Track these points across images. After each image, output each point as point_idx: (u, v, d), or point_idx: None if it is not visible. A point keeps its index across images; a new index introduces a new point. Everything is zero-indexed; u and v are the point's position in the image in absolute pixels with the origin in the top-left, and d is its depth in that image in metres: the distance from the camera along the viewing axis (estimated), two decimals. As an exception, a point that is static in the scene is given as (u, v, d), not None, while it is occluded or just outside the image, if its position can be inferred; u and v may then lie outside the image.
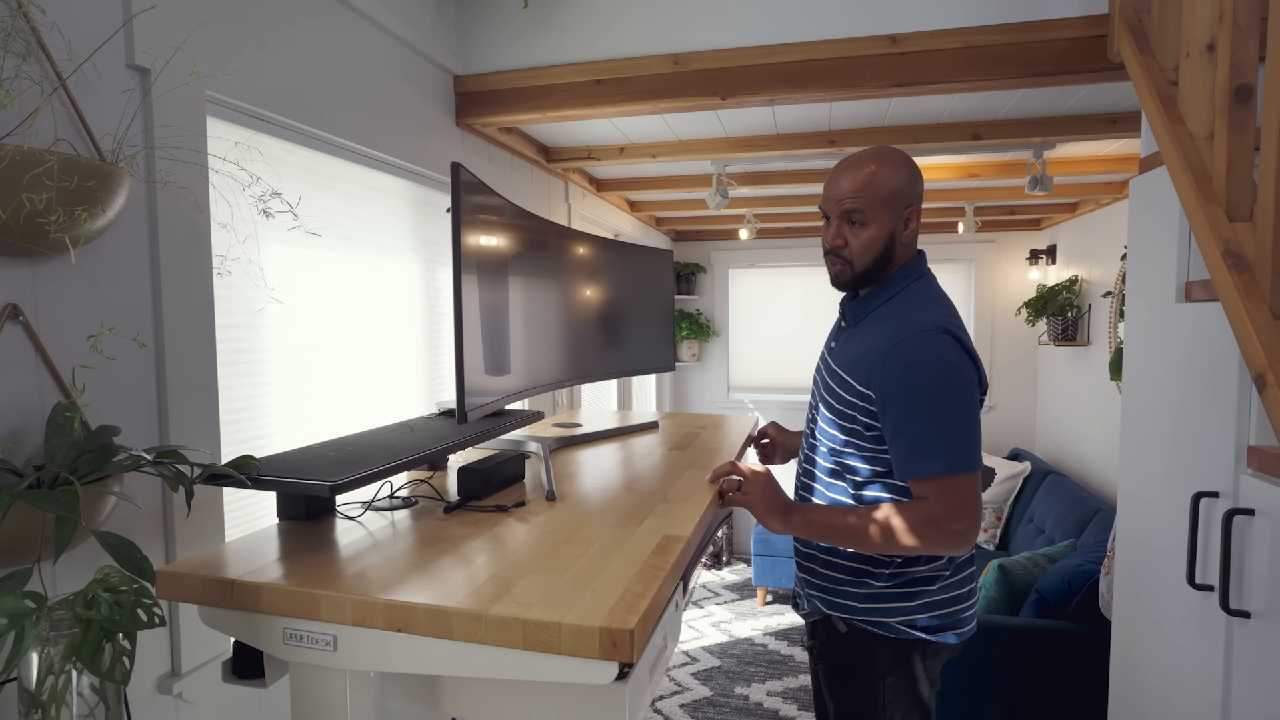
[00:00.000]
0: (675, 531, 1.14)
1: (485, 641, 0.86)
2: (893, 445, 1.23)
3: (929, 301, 1.28)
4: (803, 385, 5.23)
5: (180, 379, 1.20)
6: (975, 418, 1.21)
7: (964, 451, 1.18)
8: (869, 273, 1.31)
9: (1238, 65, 1.20)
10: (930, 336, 1.20)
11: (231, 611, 0.97)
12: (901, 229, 1.29)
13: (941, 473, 1.17)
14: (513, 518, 1.23)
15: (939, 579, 1.30)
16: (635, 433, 2.07)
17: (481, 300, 1.32)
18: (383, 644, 0.91)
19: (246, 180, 1.15)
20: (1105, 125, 2.27)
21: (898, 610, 1.29)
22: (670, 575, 1.00)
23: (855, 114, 2.34)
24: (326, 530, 1.16)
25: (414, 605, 0.88)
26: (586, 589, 0.92)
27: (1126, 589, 1.65)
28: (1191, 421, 1.38)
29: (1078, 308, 3.93)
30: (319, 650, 0.94)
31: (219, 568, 0.98)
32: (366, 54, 1.70)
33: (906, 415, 1.20)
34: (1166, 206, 1.47)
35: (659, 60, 1.94)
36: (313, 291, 1.58)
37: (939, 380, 1.18)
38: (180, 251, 1.19)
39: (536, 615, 0.84)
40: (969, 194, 3.55)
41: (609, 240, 2.02)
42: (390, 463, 1.16)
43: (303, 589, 0.92)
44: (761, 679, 3.39)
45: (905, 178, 1.28)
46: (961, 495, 1.18)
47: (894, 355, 1.21)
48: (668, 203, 3.95)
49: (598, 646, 0.82)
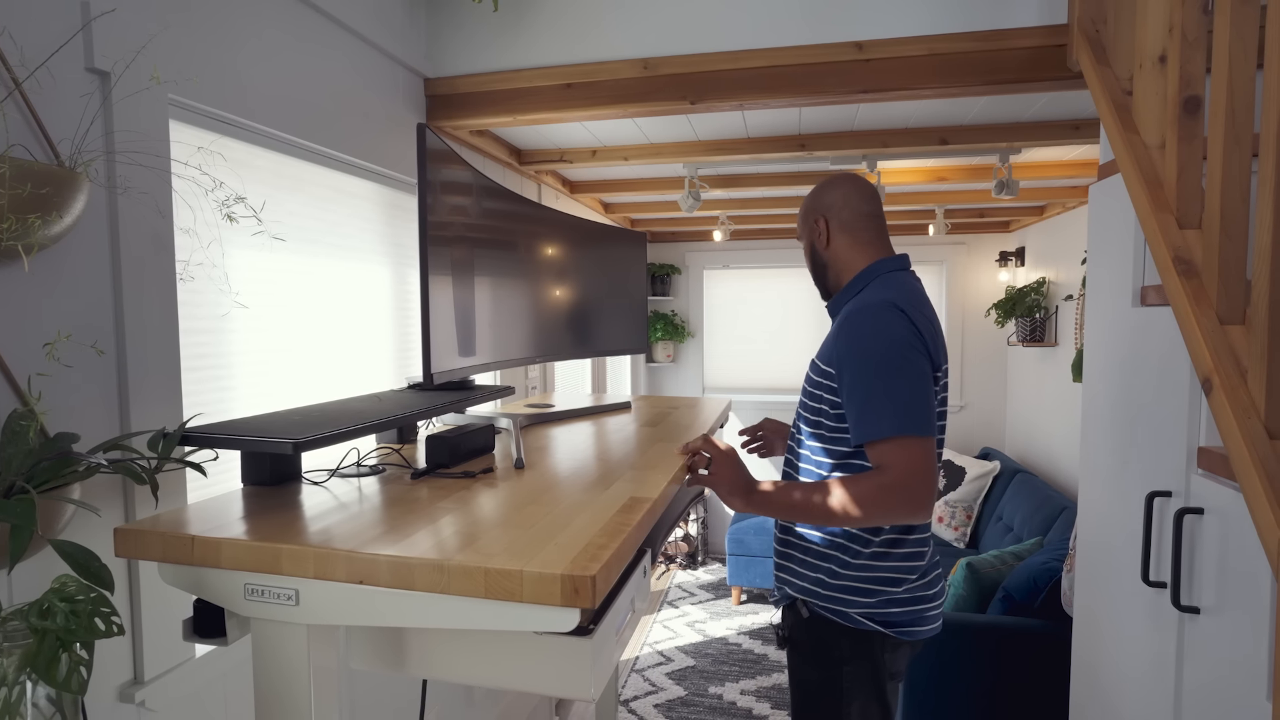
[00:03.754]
0: (642, 494, 1.16)
1: (448, 591, 0.87)
2: (849, 415, 1.28)
3: (885, 287, 1.35)
4: (778, 386, 5.27)
5: (143, 385, 1.18)
6: (924, 384, 1.24)
7: (911, 414, 1.21)
8: (817, 280, 1.51)
9: (1187, 77, 1.23)
10: (876, 309, 1.28)
11: (192, 568, 0.97)
12: (819, 237, 1.45)
13: (890, 433, 1.21)
14: (480, 483, 1.24)
15: (904, 582, 1.33)
16: (607, 412, 2.09)
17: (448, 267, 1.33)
18: (345, 597, 0.92)
19: (210, 185, 1.14)
20: (1068, 131, 2.32)
21: (858, 603, 1.33)
22: (636, 531, 1.02)
23: (825, 118, 2.37)
24: (291, 494, 1.17)
25: (376, 557, 0.89)
26: (551, 541, 0.94)
27: (1086, 586, 1.69)
28: (1146, 423, 1.42)
29: (1045, 309, 4.00)
30: (280, 605, 0.95)
31: (180, 525, 0.99)
32: (335, 57, 1.69)
33: (856, 383, 1.26)
34: (1123, 213, 1.51)
35: (629, 65, 1.95)
36: (280, 296, 1.57)
37: (883, 347, 1.24)
38: (142, 257, 1.17)
39: (499, 564, 0.86)
40: (939, 197, 3.60)
41: (582, 220, 2.03)
42: (357, 424, 1.16)
43: (264, 543, 0.93)
44: (735, 678, 3.41)
45: (813, 196, 1.47)
46: (912, 455, 1.21)
47: (846, 329, 1.30)
48: (642, 205, 3.96)
49: (559, 593, 0.84)
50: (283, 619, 0.96)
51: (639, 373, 5.10)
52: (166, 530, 0.97)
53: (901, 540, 1.34)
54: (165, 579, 1.00)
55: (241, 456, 1.20)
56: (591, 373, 4.11)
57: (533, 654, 1.02)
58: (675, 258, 5.29)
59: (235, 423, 1.16)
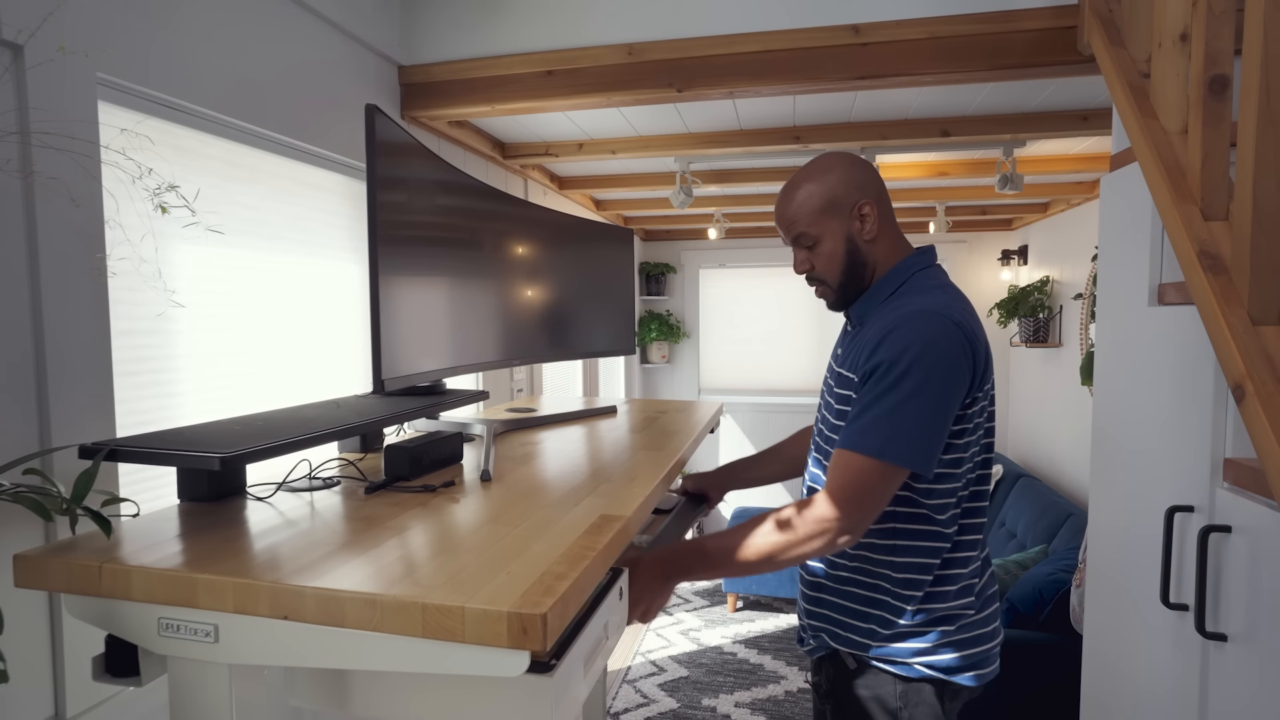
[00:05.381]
0: (614, 511, 1.06)
1: (381, 629, 0.77)
2: (851, 412, 1.12)
3: (935, 288, 1.17)
4: (775, 388, 5.16)
5: (66, 394, 1.08)
6: (942, 414, 1.07)
7: (905, 439, 1.04)
8: (848, 285, 1.22)
9: (1213, 55, 1.12)
10: (927, 317, 1.08)
11: (100, 600, 0.87)
12: (858, 228, 1.19)
13: (871, 453, 1.05)
14: (440, 498, 1.14)
15: (960, 617, 1.16)
16: (591, 417, 1.98)
17: (403, 263, 1.22)
18: (269, 634, 0.82)
19: (136, 171, 1.03)
20: (1075, 122, 2.21)
21: (914, 649, 1.16)
22: (602, 555, 0.92)
23: (820, 109, 2.26)
24: (230, 511, 1.06)
25: (301, 589, 0.79)
26: (503, 570, 0.83)
27: (1098, 605, 1.58)
28: (1165, 431, 1.32)
29: (1049, 309, 3.89)
30: (198, 642, 0.85)
31: (92, 550, 0.88)
32: (297, 40, 1.58)
33: (872, 390, 1.08)
34: (1138, 205, 1.40)
35: (612, 50, 1.84)
36: (236, 294, 1.46)
37: (920, 363, 1.05)
38: (65, 251, 1.06)
39: (438, 599, 0.76)
40: (939, 193, 3.49)
41: (561, 215, 1.92)
42: (299, 436, 1.05)
43: (179, 572, 0.83)
44: (730, 689, 3.30)
45: (838, 179, 1.18)
46: (869, 485, 1.05)
47: (889, 335, 1.09)
48: (634, 201, 3.85)
49: (505, 633, 0.74)
50: (201, 658, 0.85)
51: (633, 375, 4.99)
52: (71, 558, 0.86)
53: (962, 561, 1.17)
54: (72, 612, 0.89)
55: (177, 470, 1.10)
56: (583, 375, 4.00)
57: (488, 694, 0.91)
58: (670, 256, 5.18)
59: (163, 434, 1.06)
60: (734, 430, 5.19)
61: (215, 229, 1.21)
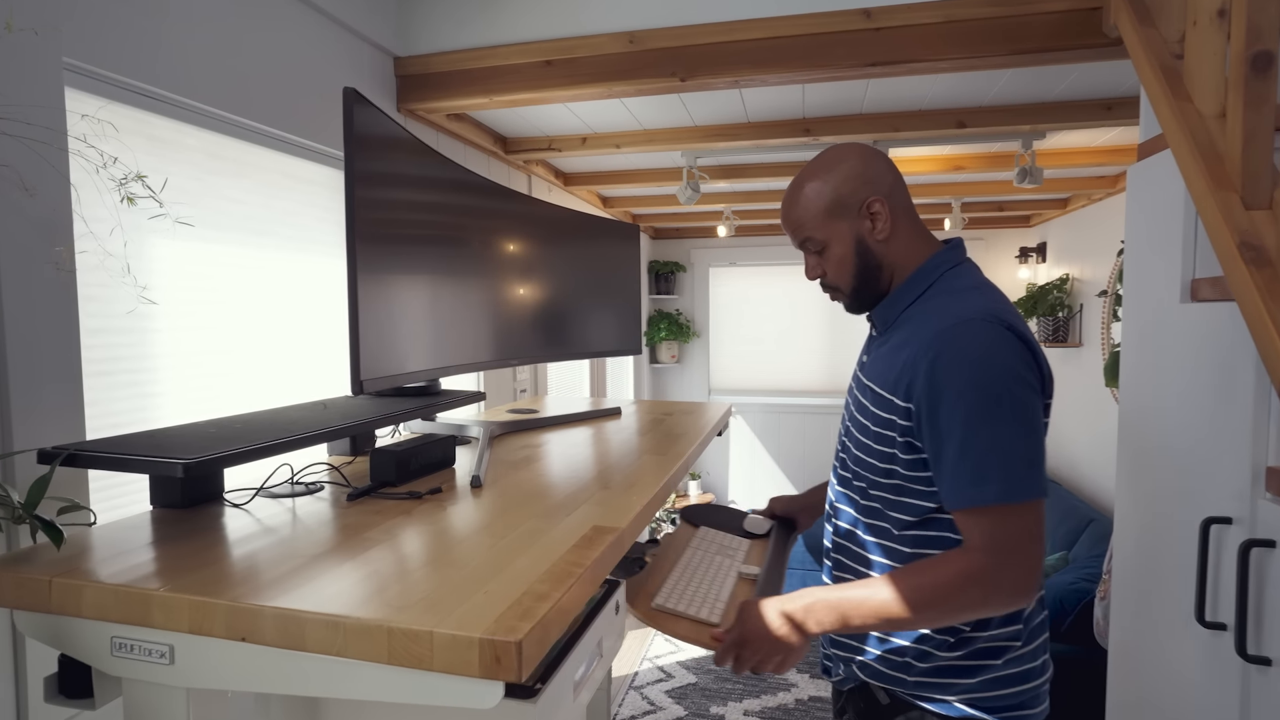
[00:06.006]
0: (608, 522, 0.99)
1: (344, 654, 0.71)
2: (936, 468, 0.98)
3: (970, 288, 1.04)
4: (787, 388, 5.07)
5: (29, 395, 1.02)
6: (1036, 428, 0.95)
7: (1022, 473, 0.92)
8: (864, 288, 1.11)
9: (1255, 30, 1.04)
10: (978, 326, 0.96)
11: (51, 617, 0.81)
12: (868, 229, 1.07)
13: (993, 500, 0.92)
14: (426, 505, 1.08)
15: (1008, 650, 1.03)
16: (594, 419, 1.91)
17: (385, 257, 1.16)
18: (227, 656, 0.76)
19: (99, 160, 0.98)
20: (1099, 112, 2.12)
21: (957, 686, 1.03)
22: (591, 573, 0.85)
23: (830, 99, 2.18)
24: (201, 519, 1.01)
25: (260, 609, 0.73)
26: (480, 589, 0.77)
27: (1125, 620, 1.49)
28: (1200, 437, 1.23)
29: (1069, 308, 3.78)
30: (153, 664, 0.79)
31: (39, 564, 0.83)
32: (289, 30, 1.53)
33: (950, 428, 0.95)
34: (1170, 195, 1.31)
35: (613, 39, 1.77)
36: (219, 291, 1.41)
37: (990, 380, 0.93)
38: (27, 244, 1.01)
39: (405, 622, 0.69)
40: (955, 188, 3.40)
41: (561, 209, 1.85)
42: (271, 440, 1.00)
43: (133, 588, 0.77)
44: (739, 697, 3.23)
45: (842, 176, 1.07)
46: (1015, 531, 0.93)
47: (934, 352, 0.97)
48: (642, 198, 3.78)
49: (477, 662, 0.67)
50: (156, 680, 0.80)
51: (642, 375, 4.92)
52: (21, 571, 0.81)
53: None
54: (23, 629, 0.84)
55: (149, 476, 1.04)
56: (590, 375, 3.94)
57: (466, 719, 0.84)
58: (680, 255, 5.10)
59: (131, 437, 1.00)
60: (745, 432, 5.10)
61: (184, 221, 1.15)
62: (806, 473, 5.02)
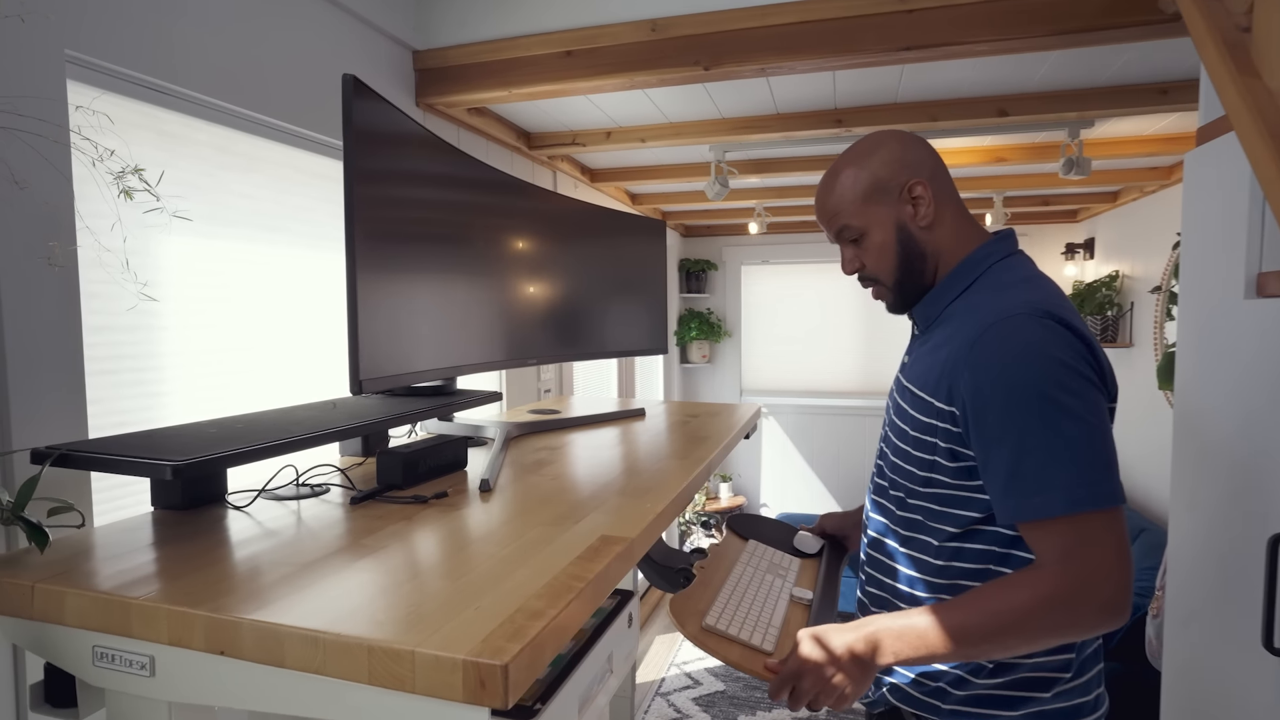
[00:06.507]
0: (618, 531, 0.94)
1: (323, 672, 0.67)
2: (988, 478, 0.89)
3: (1020, 282, 0.96)
4: (821, 389, 4.96)
5: (29, 393, 1.00)
6: (1100, 425, 0.86)
7: (1091, 476, 0.83)
8: (905, 282, 1.03)
9: (1333, -5, 0.93)
10: (1026, 321, 0.88)
11: (33, 623, 0.79)
12: (910, 214, 0.99)
13: (1061, 510, 0.83)
14: (430, 510, 1.04)
15: (1056, 682, 0.94)
16: (618, 420, 1.86)
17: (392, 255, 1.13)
18: (207, 669, 0.72)
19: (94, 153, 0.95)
20: (1153, 96, 1.99)
21: (1000, 718, 0.95)
22: (593, 588, 0.79)
23: (863, 88, 2.09)
24: (199, 522, 0.98)
25: (239, 621, 0.69)
26: (472, 605, 0.72)
27: (1180, 642, 1.39)
28: (1265, 445, 1.12)
29: (1118, 306, 3.61)
30: (133, 675, 0.76)
31: (25, 568, 0.80)
32: (304, 23, 1.50)
33: (1003, 433, 0.86)
34: (1233, 182, 1.21)
35: (635, 27, 1.72)
36: (227, 287, 1.39)
37: (1043, 376, 0.85)
38: (28, 240, 0.99)
39: (387, 639, 0.65)
40: (997, 181, 3.26)
41: (583, 204, 1.80)
42: (269, 442, 0.97)
43: (113, 596, 0.74)
44: (769, 706, 3.14)
45: (881, 159, 1.00)
46: (1094, 544, 0.82)
47: (980, 351, 0.89)
48: (671, 195, 3.72)
49: (460, 685, 0.62)
50: (138, 692, 0.76)
51: (672, 375, 4.85)
52: (4, 575, 0.78)
53: None
54: (7, 635, 0.81)
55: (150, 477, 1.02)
56: (618, 375, 3.89)
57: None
58: (711, 253, 5.02)
59: (127, 437, 0.98)
60: (777, 434, 5.00)
61: (182, 215, 1.13)
62: (839, 476, 4.90)
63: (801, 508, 4.96)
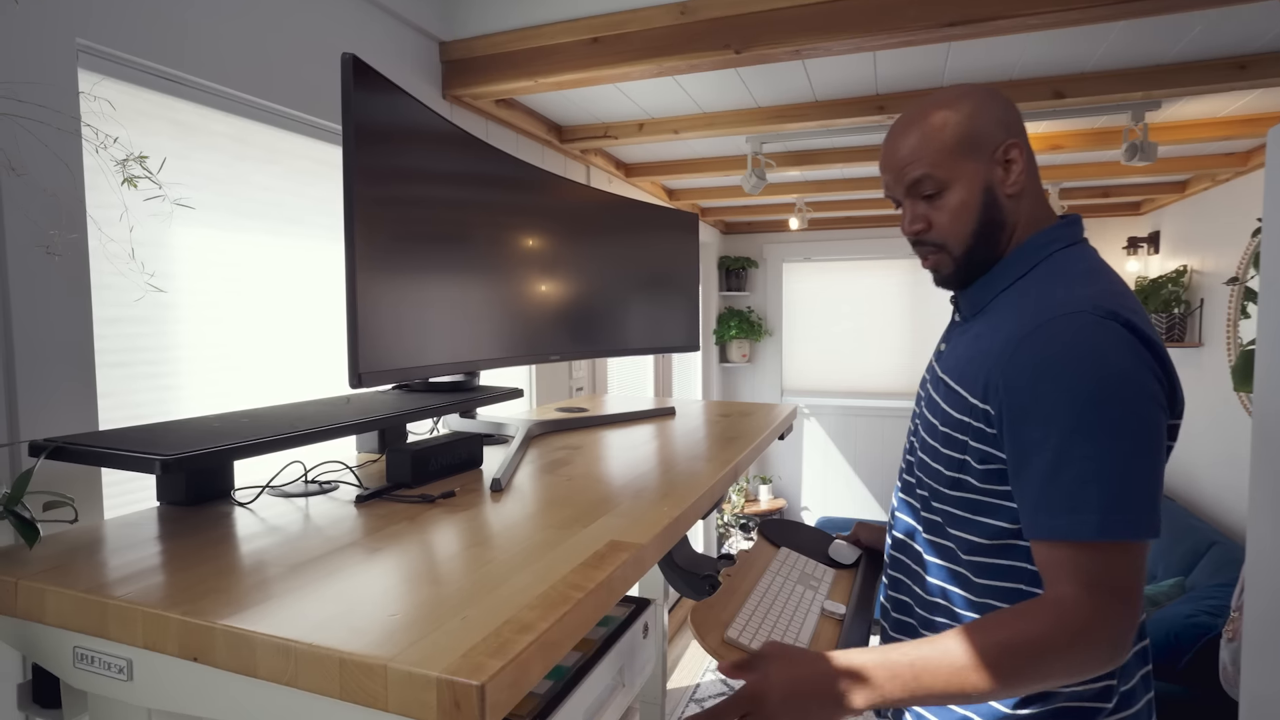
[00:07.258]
0: (628, 537, 0.87)
1: (295, 684, 0.62)
2: (1018, 486, 0.81)
3: (1083, 274, 0.86)
4: (864, 390, 4.80)
5: (37, 385, 0.99)
6: (1154, 449, 0.76)
7: (1133, 502, 0.74)
8: (977, 251, 0.91)
9: None
10: (1087, 321, 0.78)
11: (17, 621, 0.77)
12: (1001, 177, 0.89)
13: (1092, 535, 0.74)
14: (436, 511, 1.00)
15: (1097, 714, 0.84)
16: (647, 419, 1.80)
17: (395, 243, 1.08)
18: (182, 675, 0.69)
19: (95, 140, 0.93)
20: (1230, 72, 1.83)
21: None
22: (594, 598, 0.73)
23: (905, 71, 1.98)
24: (200, 518, 0.96)
25: (212, 627, 0.65)
26: (459, 614, 0.66)
27: (1261, 669, 1.25)
28: (1364, 453, 1.00)
29: (1186, 303, 3.39)
30: (112, 678, 0.73)
31: (15, 563, 0.78)
32: (328, 14, 1.48)
33: (1041, 440, 0.77)
34: (1324, 157, 1.08)
35: (663, 11, 1.65)
36: (245, 280, 1.37)
37: (1098, 386, 0.75)
38: (37, 231, 0.98)
39: (360, 651, 0.60)
40: (1054, 171, 3.09)
41: (610, 195, 1.74)
42: (267, 436, 0.93)
43: (91, 595, 0.71)
44: (807, 718, 3.04)
45: (976, 108, 0.89)
46: (1121, 577, 0.74)
47: (1026, 348, 0.80)
48: (709, 190, 3.64)
49: (434, 705, 0.57)
50: (117, 697, 0.73)
51: (711, 374, 4.77)
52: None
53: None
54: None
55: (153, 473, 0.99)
56: (655, 373, 3.82)
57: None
58: (752, 250, 4.92)
59: (126, 431, 0.96)
60: (818, 435, 4.87)
61: (183, 203, 1.10)
62: (883, 480, 4.74)
63: (843, 511, 4.82)
